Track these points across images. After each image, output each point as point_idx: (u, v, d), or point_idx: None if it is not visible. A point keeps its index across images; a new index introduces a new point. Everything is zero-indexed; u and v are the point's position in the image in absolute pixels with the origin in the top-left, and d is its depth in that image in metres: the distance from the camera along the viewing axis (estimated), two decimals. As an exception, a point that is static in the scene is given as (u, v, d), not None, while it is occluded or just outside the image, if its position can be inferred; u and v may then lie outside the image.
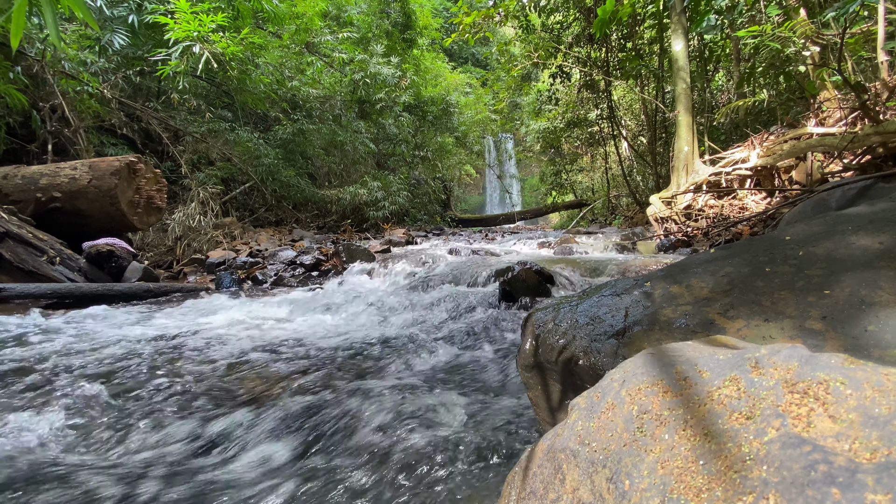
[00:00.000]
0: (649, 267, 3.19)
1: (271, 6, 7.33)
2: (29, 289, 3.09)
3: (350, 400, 1.53)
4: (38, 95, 5.81)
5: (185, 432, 1.35)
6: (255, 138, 7.92)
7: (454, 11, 9.45)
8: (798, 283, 0.96)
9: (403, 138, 11.68)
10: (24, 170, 4.37)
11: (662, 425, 0.54)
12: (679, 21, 6.39)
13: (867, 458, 0.41)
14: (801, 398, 0.48)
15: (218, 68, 6.26)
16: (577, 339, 1.06)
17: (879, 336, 0.77)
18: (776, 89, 7.12)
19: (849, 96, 5.02)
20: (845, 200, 2.67)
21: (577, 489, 0.58)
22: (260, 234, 6.98)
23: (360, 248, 4.87)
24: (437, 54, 15.20)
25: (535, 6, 9.65)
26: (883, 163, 3.85)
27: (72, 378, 1.72)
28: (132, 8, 6.37)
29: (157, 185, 4.79)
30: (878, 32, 4.42)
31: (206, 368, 1.87)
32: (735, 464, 0.46)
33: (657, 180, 9.39)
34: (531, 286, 2.75)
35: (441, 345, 2.16)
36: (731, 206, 5.61)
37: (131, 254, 4.05)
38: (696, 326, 0.95)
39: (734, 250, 1.22)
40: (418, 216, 11.87)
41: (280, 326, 2.61)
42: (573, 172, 15.33)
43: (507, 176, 20.67)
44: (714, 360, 0.59)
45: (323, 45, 9.34)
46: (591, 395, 0.68)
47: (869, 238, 1.04)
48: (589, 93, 11.28)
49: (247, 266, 4.59)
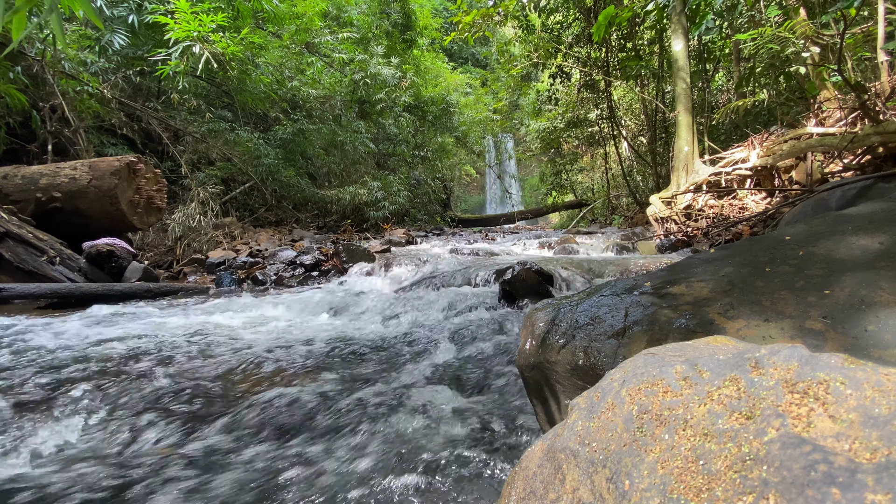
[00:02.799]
0: (649, 267, 3.19)
1: (271, 6, 7.33)
2: (29, 289, 3.09)
3: (350, 400, 1.53)
4: (38, 95, 5.81)
5: (185, 431, 1.35)
6: (255, 138, 7.91)
7: (454, 11, 9.44)
8: (798, 283, 0.96)
9: (403, 138, 11.67)
10: (24, 170, 4.37)
11: (662, 425, 0.54)
12: (679, 21, 6.39)
13: (867, 458, 0.41)
14: (801, 398, 0.48)
15: (218, 68, 6.26)
16: (577, 339, 1.06)
17: (879, 336, 0.77)
18: (776, 89, 7.13)
19: (849, 96, 5.02)
20: (845, 200, 2.68)
21: (577, 489, 0.58)
22: (260, 234, 6.98)
23: (360, 249, 4.87)
24: (438, 54, 15.19)
25: (535, 6, 9.65)
26: (883, 163, 3.85)
27: (66, 378, 1.72)
28: (132, 8, 6.38)
29: (157, 185, 4.79)
30: (878, 32, 4.43)
31: (205, 368, 1.87)
32: (735, 464, 0.46)
33: (657, 180, 9.39)
34: (531, 286, 2.75)
35: (441, 345, 2.16)
36: (731, 206, 5.61)
37: (131, 254, 4.06)
38: (696, 326, 0.95)
39: (734, 250, 1.22)
40: (418, 216, 11.86)
41: (279, 326, 2.61)
42: (573, 172, 15.33)
43: (507, 176, 20.65)
44: (714, 360, 0.59)
45: (323, 45, 9.34)
46: (591, 395, 0.68)
47: (869, 238, 1.04)
48: (589, 93, 11.28)
49: (247, 266, 4.59)
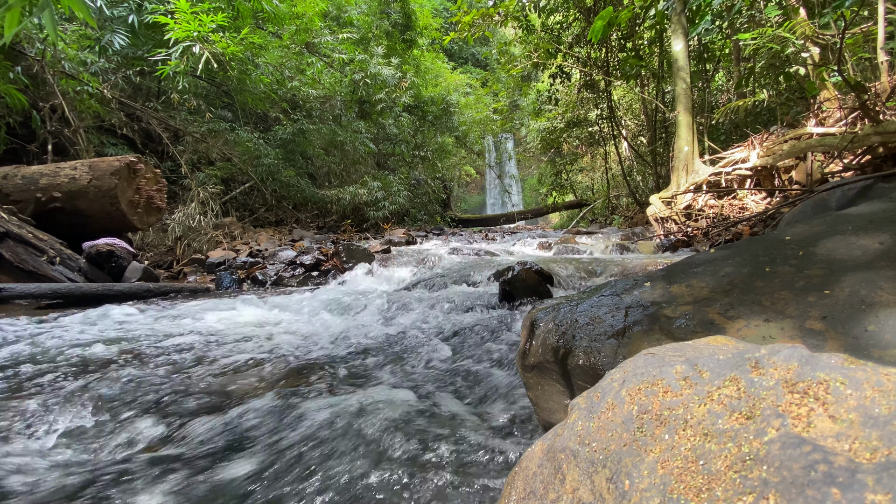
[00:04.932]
0: (649, 267, 3.19)
1: (271, 6, 7.33)
2: (29, 289, 3.09)
3: (350, 400, 1.53)
4: (38, 95, 5.82)
5: (186, 430, 1.35)
6: (255, 138, 7.92)
7: (454, 11, 9.44)
8: (798, 283, 0.96)
9: (403, 138, 11.67)
10: (24, 170, 4.37)
11: (662, 425, 0.54)
12: (679, 21, 6.40)
13: (867, 458, 0.41)
14: (801, 398, 0.48)
15: (218, 68, 6.26)
16: (577, 339, 1.06)
17: (879, 336, 0.77)
18: (776, 89, 7.13)
19: (849, 96, 5.02)
20: (845, 200, 2.68)
21: (577, 489, 0.58)
22: (260, 234, 6.98)
23: (360, 248, 4.86)
24: (438, 54, 15.19)
25: (535, 6, 9.65)
26: (883, 163, 3.85)
27: (64, 376, 1.72)
28: (132, 8, 6.37)
29: (157, 185, 4.79)
30: (878, 32, 4.43)
31: (204, 368, 1.87)
32: (735, 464, 0.46)
33: (657, 180, 9.39)
34: (531, 286, 2.75)
35: (440, 345, 2.16)
36: (731, 206, 5.61)
37: (131, 254, 4.06)
38: (696, 326, 0.95)
39: (734, 250, 1.22)
40: (418, 216, 11.86)
41: (279, 326, 2.61)
42: (573, 172, 15.33)
43: (507, 176, 20.66)
44: (714, 360, 0.59)
45: (323, 45, 9.34)
46: (591, 395, 0.68)
47: (869, 238, 1.04)
48: (589, 93, 11.29)
49: (247, 266, 4.59)
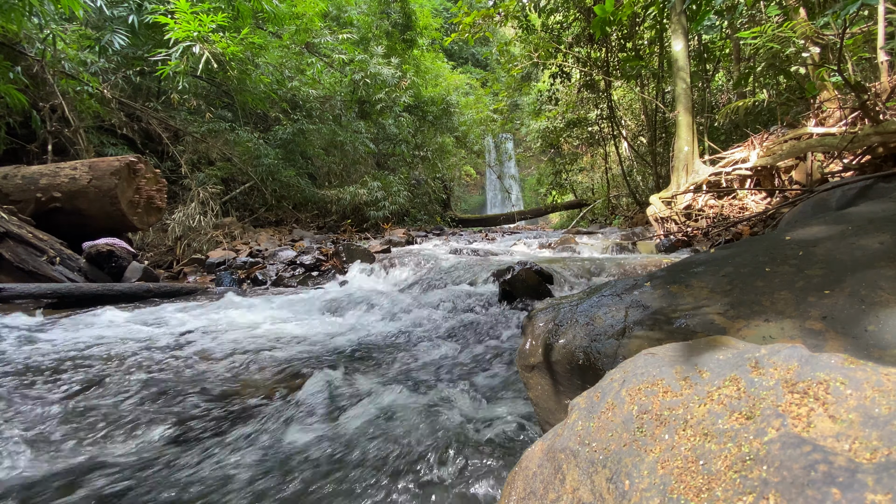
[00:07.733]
0: (649, 267, 3.19)
1: (271, 6, 7.33)
2: (29, 289, 3.08)
3: (350, 400, 1.53)
4: (38, 95, 5.81)
5: (186, 430, 1.35)
6: (255, 138, 7.92)
7: (454, 11, 9.44)
8: (798, 283, 0.96)
9: (403, 138, 11.67)
10: (24, 170, 4.37)
11: (662, 425, 0.54)
12: (679, 21, 6.39)
13: (867, 458, 0.41)
14: (801, 398, 0.48)
15: (218, 68, 6.26)
16: (577, 339, 1.06)
17: (879, 336, 0.77)
18: (776, 89, 7.13)
19: (849, 96, 5.02)
20: (845, 200, 2.67)
21: (577, 489, 0.58)
22: (260, 234, 6.98)
23: (360, 249, 4.86)
24: (438, 54, 15.19)
25: (535, 6, 9.65)
26: (883, 163, 3.85)
27: (64, 376, 1.72)
28: (132, 8, 6.38)
29: (157, 185, 4.79)
30: (878, 32, 4.42)
31: (204, 368, 1.87)
32: (735, 464, 0.46)
33: (657, 180, 9.39)
34: (531, 286, 2.75)
35: (441, 345, 2.16)
36: (731, 206, 5.61)
37: (131, 254, 4.05)
38: (696, 326, 0.95)
39: (734, 250, 1.22)
40: (418, 216, 11.86)
41: (279, 326, 2.61)
42: (573, 172, 15.33)
43: (506, 176, 20.66)
44: (714, 360, 0.59)
45: (323, 45, 9.34)
46: (591, 395, 0.68)
47: (869, 238, 1.04)
48: (589, 93, 11.28)
49: (247, 266, 4.59)
